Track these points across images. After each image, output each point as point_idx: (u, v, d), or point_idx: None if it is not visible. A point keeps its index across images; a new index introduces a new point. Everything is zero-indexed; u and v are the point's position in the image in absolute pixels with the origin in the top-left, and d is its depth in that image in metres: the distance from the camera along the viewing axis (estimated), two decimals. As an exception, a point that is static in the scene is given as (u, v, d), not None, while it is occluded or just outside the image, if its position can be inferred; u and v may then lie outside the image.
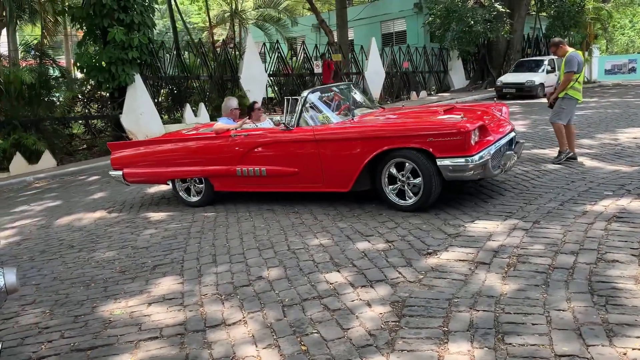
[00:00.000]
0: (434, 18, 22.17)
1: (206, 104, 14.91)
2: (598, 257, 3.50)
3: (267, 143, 5.71)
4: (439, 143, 4.73)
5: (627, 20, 51.26)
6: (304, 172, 5.49)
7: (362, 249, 4.11)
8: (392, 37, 26.51)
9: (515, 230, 4.18)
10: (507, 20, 21.61)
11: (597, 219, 4.26)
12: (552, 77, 17.75)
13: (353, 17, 25.78)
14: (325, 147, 5.32)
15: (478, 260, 3.65)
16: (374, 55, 19.95)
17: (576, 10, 24.28)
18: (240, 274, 3.88)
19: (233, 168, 5.84)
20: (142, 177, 6.65)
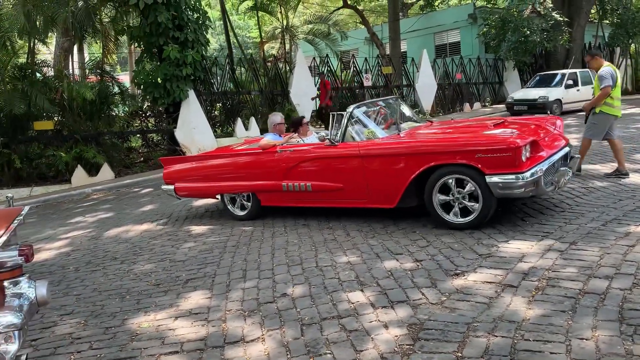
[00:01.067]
0: (489, 28, 21.75)
1: (257, 118, 15.22)
2: (634, 283, 3.32)
3: (313, 158, 5.75)
4: (488, 159, 4.62)
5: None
6: (349, 188, 5.49)
7: (389, 268, 4.08)
8: (445, 48, 26.17)
9: (549, 251, 4.04)
10: (566, 29, 20.91)
11: (639, 241, 4.04)
12: (573, 93, 16.86)
13: (406, 29, 25.66)
14: (371, 163, 5.31)
15: (506, 282, 3.55)
16: (426, 67, 19.77)
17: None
18: (266, 290, 3.94)
19: (279, 183, 5.91)
20: (192, 191, 6.80)
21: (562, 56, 22.70)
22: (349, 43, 26.29)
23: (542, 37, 20.17)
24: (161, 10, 12.41)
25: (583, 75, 17.59)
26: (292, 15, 21.91)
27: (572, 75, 17.63)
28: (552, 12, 20.87)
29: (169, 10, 12.55)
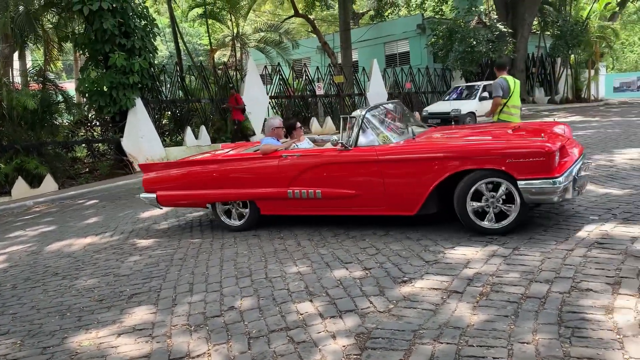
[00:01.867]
0: (437, 39, 22.33)
1: (207, 127, 15.03)
2: (572, 286, 3.44)
3: (323, 164, 5.39)
4: (520, 164, 4.50)
5: (636, 38, 51.23)
6: (365, 195, 5.20)
7: (338, 277, 4.07)
8: (395, 58, 26.68)
9: (493, 257, 4.13)
10: (510, 40, 21.70)
11: (578, 245, 4.19)
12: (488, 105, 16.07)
13: (357, 38, 26.01)
14: (390, 168, 5.05)
15: (451, 289, 3.60)
16: (376, 76, 20.06)
17: (579, 30, 24.30)
18: (214, 303, 3.86)
19: (284, 190, 5.52)
20: (178, 200, 6.26)
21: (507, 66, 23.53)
22: (301, 52, 26.42)
23: (487, 48, 20.86)
24: (107, 17, 12.12)
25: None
26: (243, 23, 21.83)
27: (488, 87, 16.81)
28: (497, 24, 21.66)
29: (115, 17, 12.28)
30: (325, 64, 22.55)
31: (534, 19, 25.03)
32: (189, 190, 6.11)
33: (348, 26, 22.86)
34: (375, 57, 22.90)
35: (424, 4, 26.17)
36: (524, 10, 22.80)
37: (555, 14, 26.66)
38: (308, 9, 23.40)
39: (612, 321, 2.92)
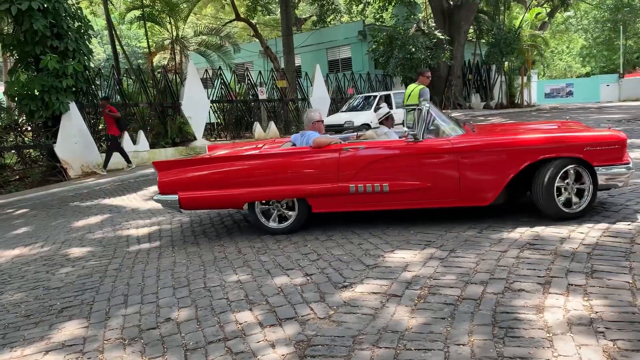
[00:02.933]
0: (377, 45, 22.69)
1: (146, 131, 14.62)
2: (506, 287, 3.54)
3: (392, 156, 5.26)
4: (597, 152, 4.90)
5: (564, 47, 54.03)
6: (437, 186, 5.15)
7: (279, 284, 4.03)
8: (338, 63, 26.93)
9: (431, 259, 4.21)
10: (448, 47, 22.35)
11: (511, 247, 4.34)
12: None
13: (300, 43, 26.08)
14: (468, 159, 5.08)
15: (391, 292, 3.64)
16: (319, 81, 20.16)
17: (512, 38, 25.35)
18: (149, 315, 3.72)
19: (345, 185, 5.26)
20: (207, 201, 5.57)
21: (445, 72, 24.26)
22: (244, 56, 26.22)
23: (426, 55, 21.39)
24: (37, 17, 11.56)
25: (399, 97, 16.40)
26: (183, 26, 21.43)
27: (387, 98, 16.70)
28: (435, 31, 22.25)
29: (46, 18, 11.73)
30: (268, 69, 22.47)
31: (469, 27, 25.92)
32: (223, 189, 5.48)
33: (290, 31, 22.89)
34: (318, 62, 23.02)
35: (365, 11, 26.54)
36: (460, 18, 23.57)
37: (490, 22, 27.71)
38: (250, 13, 23.28)
39: (542, 320, 3.02)
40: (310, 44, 26.91)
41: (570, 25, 47.96)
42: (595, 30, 46.62)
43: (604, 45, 46.93)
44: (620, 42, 42.12)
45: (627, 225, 4.66)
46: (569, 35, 50.36)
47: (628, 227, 4.62)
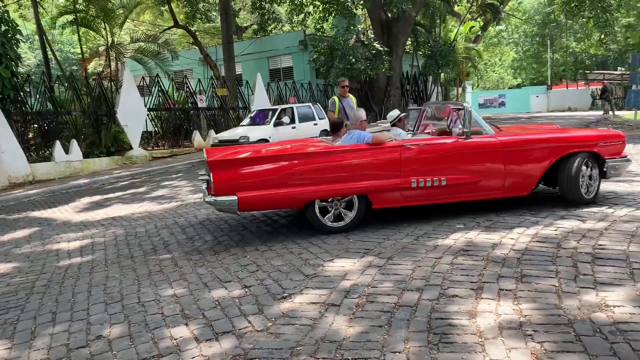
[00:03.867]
0: (318, 55, 22.88)
1: (79, 140, 14.07)
2: (440, 293, 3.62)
3: (449, 152, 5.60)
4: (606, 147, 5.91)
5: (497, 59, 56.42)
6: (486, 179, 5.64)
7: (216, 297, 3.95)
8: (279, 72, 26.94)
9: (369, 267, 4.25)
10: (386, 59, 22.84)
11: (445, 253, 4.45)
12: (287, 131, 14.49)
13: (240, 52, 25.93)
14: (512, 154, 5.65)
15: (329, 302, 3.64)
16: (260, 90, 20.08)
17: (448, 50, 26.22)
18: (79, 333, 3.55)
19: (407, 180, 5.42)
20: (267, 201, 5.29)
21: (384, 83, 24.76)
22: (183, 63, 25.78)
23: (366, 65, 21.77)
24: (-42, 20, 10.92)
25: (302, 111, 15.93)
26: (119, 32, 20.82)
27: (287, 111, 15.53)
28: (374, 42, 22.70)
29: (-31, 21, 11.11)
30: (208, 77, 22.18)
31: (407, 39, 26.60)
32: (284, 188, 5.26)
33: (231, 39, 22.70)
34: (259, 70, 22.94)
35: (306, 21, 26.74)
36: (398, 30, 24.15)
37: (427, 35, 28.57)
38: (189, 20, 22.93)
39: (475, 325, 3.11)
40: (251, 52, 26.79)
41: (502, 39, 50.19)
42: (525, 44, 49.00)
43: (533, 58, 49.37)
44: (548, 55, 44.46)
45: (554, 231, 4.89)
46: (501, 48, 52.67)
47: (555, 232, 4.85)
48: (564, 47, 44.57)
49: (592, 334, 2.89)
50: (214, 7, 25.32)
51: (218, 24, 27.15)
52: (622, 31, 39.66)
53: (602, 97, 25.90)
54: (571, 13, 25.94)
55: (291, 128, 14.93)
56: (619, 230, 4.75)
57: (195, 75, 25.06)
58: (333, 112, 8.32)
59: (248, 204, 5.22)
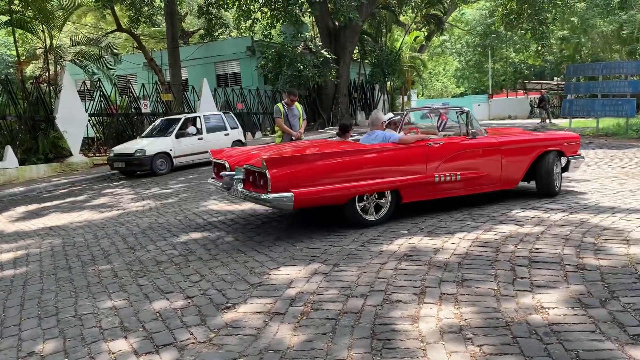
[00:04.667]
0: (266, 62, 22.83)
1: (14, 147, 13.42)
2: (384, 298, 3.66)
3: (462, 150, 6.22)
4: (569, 146, 6.97)
5: (441, 68, 58.01)
6: (488, 175, 6.39)
7: (157, 309, 3.83)
8: (227, 78, 26.69)
9: (315, 274, 4.24)
10: (334, 66, 23.04)
11: (390, 259, 4.50)
12: (192, 143, 13.86)
13: (187, 56, 25.53)
14: (507, 152, 6.48)
15: (274, 310, 3.60)
16: (206, 95, 19.83)
17: (393, 59, 26.74)
18: (9, 350, 3.36)
19: (432, 175, 5.95)
20: (317, 197, 5.40)
21: (332, 90, 24.96)
22: (126, 67, 25.11)
23: (314, 72, 21.88)
24: None
25: (211, 120, 14.95)
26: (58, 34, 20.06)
27: (193, 120, 14.53)
28: (322, 50, 22.85)
29: None
30: (153, 81, 21.70)
31: (354, 48, 26.95)
32: (333, 184, 5.44)
33: (176, 44, 22.32)
34: (206, 76, 22.65)
35: (254, 27, 26.64)
36: (345, 39, 24.43)
37: (373, 43, 29.05)
38: (132, 24, 22.37)
39: (417, 330, 3.15)
40: (198, 57, 26.43)
41: (446, 49, 51.69)
42: (467, 54, 50.64)
43: (475, 68, 51.10)
44: (489, 65, 46.10)
45: (494, 235, 5.04)
46: (444, 58, 54.23)
47: (494, 237, 5.00)
48: (504, 57, 46.34)
49: (528, 335, 2.99)
50: (159, 11, 24.81)
51: (163, 28, 26.64)
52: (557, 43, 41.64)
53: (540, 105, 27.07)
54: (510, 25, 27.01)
55: (197, 139, 14.09)
56: (554, 234, 4.95)
57: (140, 80, 24.48)
58: (280, 119, 8.26)
59: (302, 200, 5.31)
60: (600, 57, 39.83)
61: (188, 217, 7.18)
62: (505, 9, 26.50)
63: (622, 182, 7.94)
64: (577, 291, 3.58)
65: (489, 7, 38.60)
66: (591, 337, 2.92)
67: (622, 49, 37.84)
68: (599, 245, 4.55)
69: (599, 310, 3.26)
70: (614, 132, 16.42)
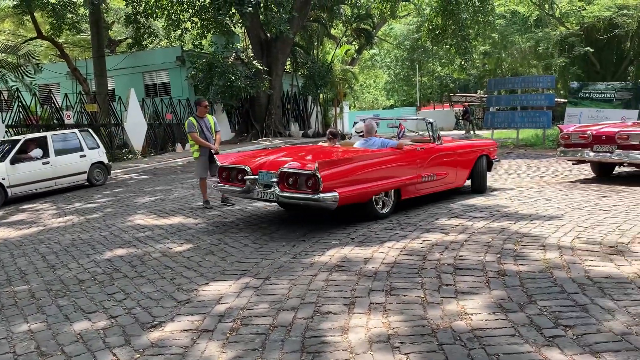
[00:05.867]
0: (197, 72, 22.48)
1: None
2: (315, 310, 3.66)
3: (436, 153, 7.30)
4: (492, 151, 8.45)
5: (371, 81, 59.29)
6: (449, 175, 7.57)
7: (79, 331, 3.65)
8: (155, 88, 26.02)
9: (245, 289, 4.19)
10: (266, 77, 23.03)
11: (321, 270, 4.52)
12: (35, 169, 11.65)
13: (113, 66, 24.71)
14: (461, 156, 7.78)
15: (202, 328, 3.52)
16: (134, 106, 19.26)
17: (325, 71, 27.08)
18: None
19: (420, 175, 6.95)
20: (351, 197, 6.01)
21: (265, 101, 24.91)
22: (48, 77, 23.94)
23: (246, 83, 21.76)
24: None
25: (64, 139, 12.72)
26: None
27: (38, 141, 12.17)
28: (254, 61, 22.79)
29: None
30: (77, 91, 20.80)
31: (287, 59, 27.07)
32: (363, 184, 6.17)
33: (102, 53, 21.56)
34: (133, 86, 21.97)
35: (184, 37, 26.16)
36: (277, 50, 24.50)
37: (305, 56, 29.29)
38: (54, 32, 21.38)
39: (346, 341, 3.17)
40: (125, 66, 25.61)
41: (376, 62, 52.90)
42: (396, 67, 52.04)
43: (404, 81, 52.58)
44: (417, 78, 47.63)
45: (421, 244, 5.18)
46: (375, 71, 55.46)
47: (421, 245, 5.13)
48: (430, 71, 48.01)
49: (452, 342, 3.08)
50: (84, 18, 23.88)
51: (89, 36, 25.65)
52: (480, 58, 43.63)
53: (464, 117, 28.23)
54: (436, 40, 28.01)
55: (42, 164, 11.80)
56: (477, 242, 5.15)
57: (63, 89, 23.39)
58: (195, 133, 7.93)
59: (343, 199, 5.84)
60: (519, 71, 42.12)
61: (113, 232, 6.91)
62: (431, 25, 27.45)
63: (539, 190, 8.40)
64: (498, 296, 3.74)
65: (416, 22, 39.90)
66: (511, 341, 3.05)
67: (539, 64, 40.18)
68: (518, 251, 4.78)
69: (518, 314, 3.42)
70: (532, 142, 17.37)
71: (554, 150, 11.82)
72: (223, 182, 6.69)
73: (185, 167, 15.43)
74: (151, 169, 15.46)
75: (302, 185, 5.78)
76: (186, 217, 7.51)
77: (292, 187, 5.84)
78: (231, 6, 20.93)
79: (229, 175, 6.61)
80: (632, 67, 37.70)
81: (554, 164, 11.87)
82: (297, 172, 5.83)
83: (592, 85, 18.92)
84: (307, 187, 5.71)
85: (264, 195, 6.09)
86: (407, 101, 53.25)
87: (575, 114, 17.32)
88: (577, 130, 9.70)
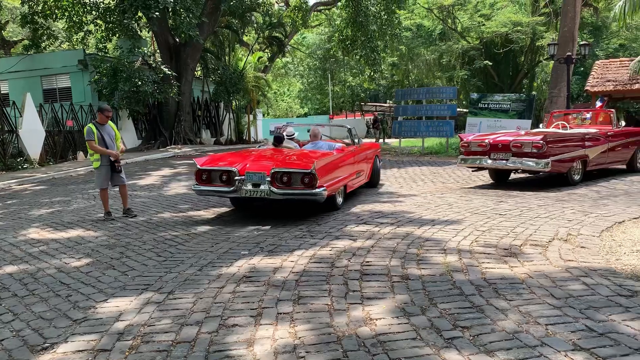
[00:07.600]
0: (101, 76, 21.44)
1: None
2: (220, 324, 3.56)
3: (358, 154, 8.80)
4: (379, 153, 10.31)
5: (285, 89, 59.55)
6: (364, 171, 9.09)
7: (-45, 358, 3.31)
8: (55, 93, 24.48)
9: (147, 304, 4.00)
10: (175, 83, 22.40)
11: (228, 282, 4.42)
12: None
13: (7, 68, 23.01)
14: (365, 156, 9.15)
15: (99, 347, 3.31)
16: (30, 111, 17.97)
17: (237, 78, 26.82)
18: None
19: (355, 172, 8.42)
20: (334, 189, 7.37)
21: (174, 107, 24.20)
22: None
23: (153, 89, 21.03)
24: None
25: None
26: None
27: None
28: (162, 66, 22.09)
29: None
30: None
31: (196, 65, 26.47)
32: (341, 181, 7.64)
33: (-6, 54, 19.99)
34: (30, 90, 20.50)
35: (87, 40, 24.85)
36: (186, 56, 23.90)
37: (216, 62, 28.85)
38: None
39: (252, 354, 3.11)
40: (21, 69, 23.86)
41: (289, 70, 53.25)
42: (309, 76, 52.71)
43: (317, 90, 53.35)
44: (329, 87, 48.47)
45: (329, 251, 5.22)
46: (288, 79, 55.77)
47: (330, 252, 5.18)
48: (342, 80, 49.06)
49: (357, 348, 3.11)
50: (-28, 16, 22.08)
51: (-22, 35, 23.71)
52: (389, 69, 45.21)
53: (374, 126, 29.02)
54: (347, 50, 28.66)
55: None
56: (383, 247, 5.28)
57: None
58: (92, 141, 7.56)
59: (328, 193, 6.97)
60: (425, 82, 44.08)
61: (3, 248, 6.36)
62: (341, 35, 28.06)
63: (442, 196, 8.79)
64: (402, 300, 3.84)
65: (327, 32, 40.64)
66: (412, 344, 3.13)
67: (443, 76, 42.30)
68: (421, 255, 4.95)
69: (420, 317, 3.53)
70: (437, 150, 18.20)
71: (456, 158, 12.43)
72: (202, 183, 7.18)
73: (87, 176, 14.61)
74: (49, 178, 14.48)
75: (296, 182, 6.72)
76: (86, 229, 7.09)
77: (285, 184, 6.73)
78: (137, 10, 20.18)
79: (210, 177, 7.11)
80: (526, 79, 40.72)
81: (456, 171, 12.49)
82: (292, 171, 6.77)
83: (490, 96, 20.17)
84: (303, 183, 6.69)
85: (253, 194, 6.85)
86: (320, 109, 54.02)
87: (476, 124, 18.38)
88: (475, 139, 10.29)
